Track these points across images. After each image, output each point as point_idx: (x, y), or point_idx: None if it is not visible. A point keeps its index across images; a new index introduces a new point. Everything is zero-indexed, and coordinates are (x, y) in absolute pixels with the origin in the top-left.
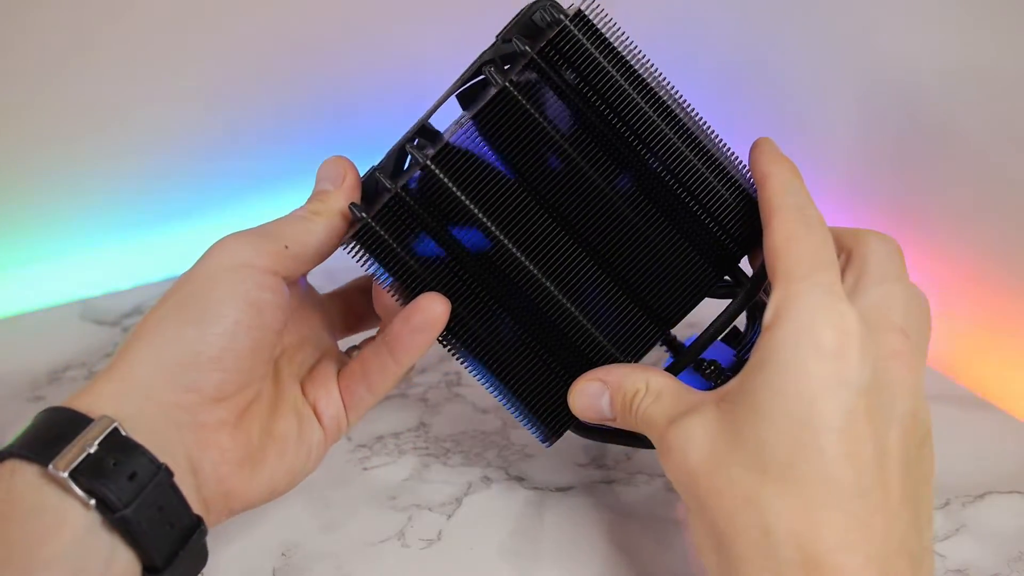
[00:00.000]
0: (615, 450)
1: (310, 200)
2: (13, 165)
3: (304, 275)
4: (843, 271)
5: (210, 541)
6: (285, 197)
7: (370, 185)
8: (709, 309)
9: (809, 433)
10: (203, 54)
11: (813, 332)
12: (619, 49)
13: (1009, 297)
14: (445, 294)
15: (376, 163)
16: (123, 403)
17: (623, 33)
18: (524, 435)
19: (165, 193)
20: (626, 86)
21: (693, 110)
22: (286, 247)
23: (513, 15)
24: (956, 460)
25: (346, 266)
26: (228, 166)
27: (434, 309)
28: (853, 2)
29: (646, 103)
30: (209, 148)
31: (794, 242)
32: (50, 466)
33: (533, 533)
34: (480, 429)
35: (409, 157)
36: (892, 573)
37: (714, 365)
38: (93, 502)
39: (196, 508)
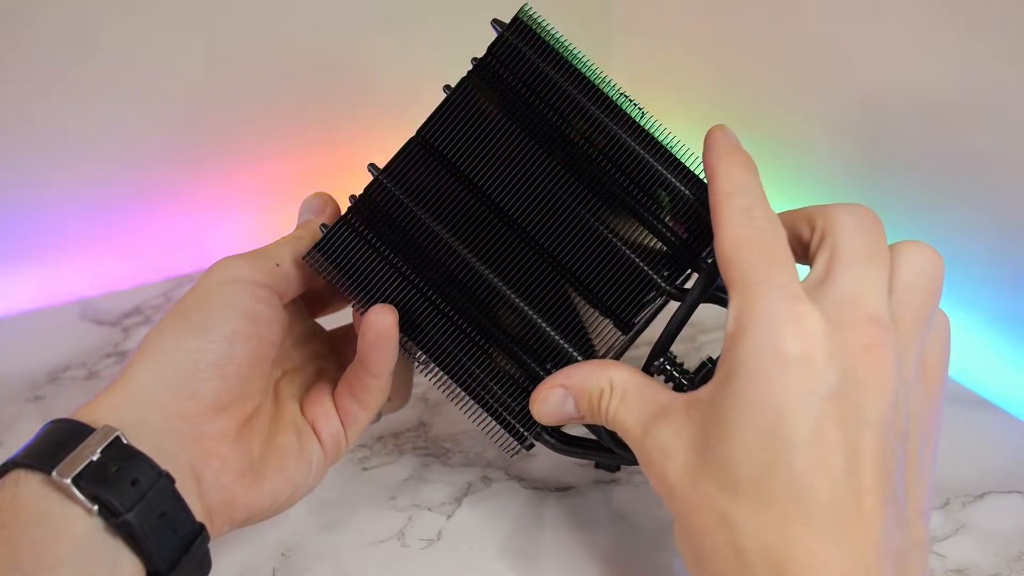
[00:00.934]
0: None
1: (296, 228)
2: (13, 165)
3: (303, 305)
4: (815, 254)
5: (210, 542)
6: (285, 199)
7: None
8: (705, 310)
9: (777, 447)
10: (205, 57)
11: (774, 341)
12: (558, 51)
13: (1007, 297)
14: (406, 305)
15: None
16: (125, 413)
17: (563, 38)
18: None
19: (165, 193)
20: (564, 83)
21: (640, 106)
22: (277, 265)
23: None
24: (956, 460)
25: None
26: (229, 167)
27: (382, 322)
28: (835, 24)
29: (587, 98)
30: (210, 149)
31: (744, 247)
32: (53, 473)
33: (533, 533)
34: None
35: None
36: None
37: (665, 358)
38: (95, 507)
39: (199, 515)
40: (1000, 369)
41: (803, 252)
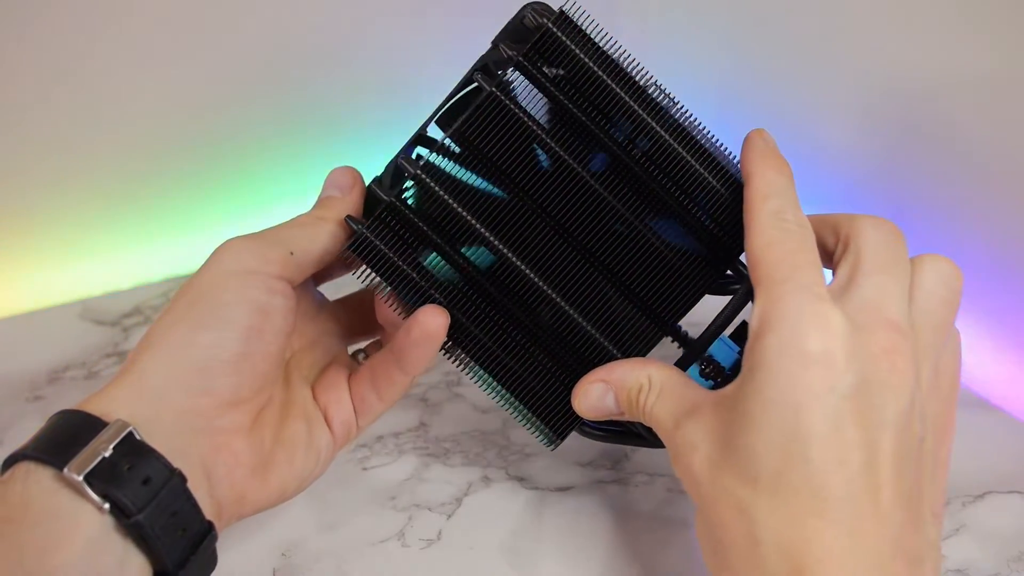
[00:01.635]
0: (615, 450)
1: (316, 206)
2: (13, 165)
3: (309, 278)
4: (839, 261)
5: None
6: (284, 198)
7: (370, 198)
8: (717, 305)
9: (796, 442)
10: (204, 56)
11: (797, 338)
12: (602, 47)
13: (1009, 297)
14: (444, 304)
15: (378, 176)
16: (137, 407)
17: (606, 33)
18: (524, 435)
19: (165, 193)
20: (610, 83)
21: (684, 107)
22: (291, 253)
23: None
24: (956, 460)
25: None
26: (228, 166)
27: (433, 322)
28: (852, 9)
29: (633, 99)
30: (209, 148)
31: (771, 248)
32: (65, 469)
33: (533, 533)
34: (480, 429)
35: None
36: None
37: (711, 363)
38: (107, 506)
39: (208, 513)
40: (1000, 369)
41: (827, 259)
